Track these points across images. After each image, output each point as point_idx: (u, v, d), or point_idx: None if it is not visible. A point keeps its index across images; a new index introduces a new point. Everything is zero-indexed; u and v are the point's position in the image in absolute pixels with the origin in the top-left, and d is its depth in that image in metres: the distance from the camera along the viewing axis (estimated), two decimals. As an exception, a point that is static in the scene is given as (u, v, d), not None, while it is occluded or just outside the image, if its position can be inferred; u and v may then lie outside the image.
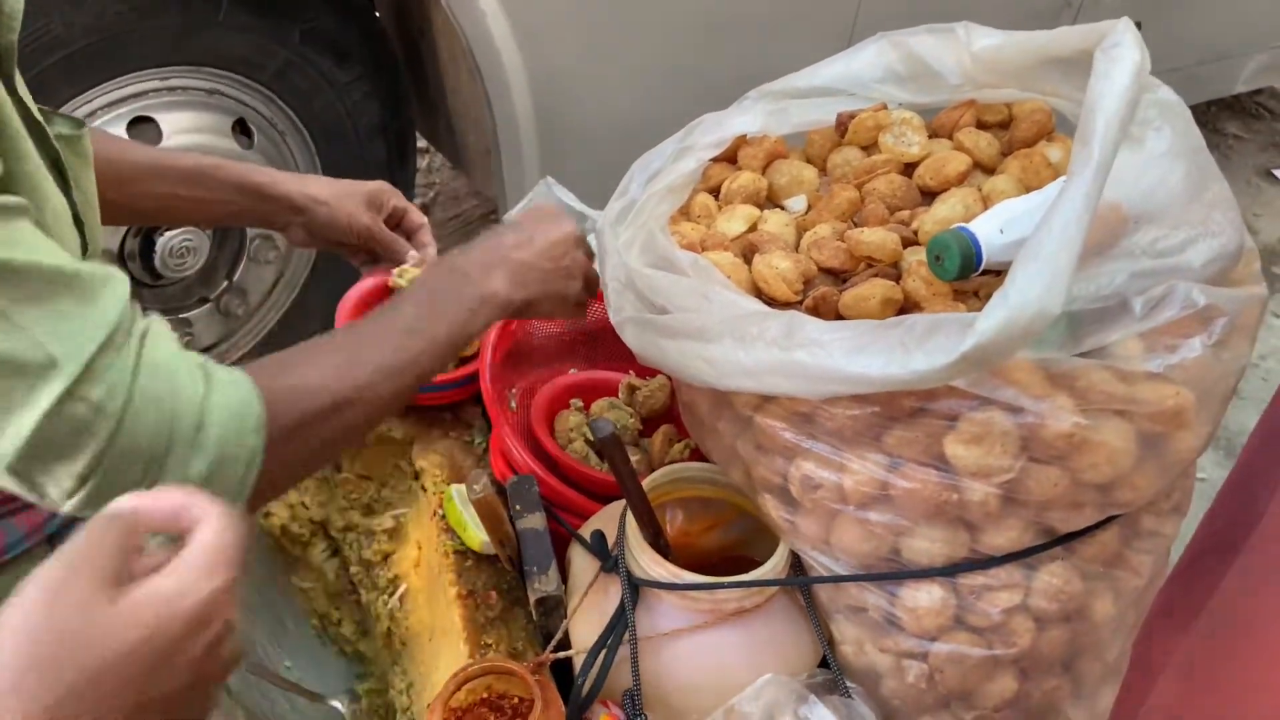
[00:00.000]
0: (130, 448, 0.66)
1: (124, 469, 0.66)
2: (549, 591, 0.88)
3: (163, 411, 0.67)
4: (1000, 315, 0.64)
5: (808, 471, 0.80)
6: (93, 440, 0.65)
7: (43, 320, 0.63)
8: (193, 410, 0.68)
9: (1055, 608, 0.79)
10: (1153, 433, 0.74)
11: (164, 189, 1.07)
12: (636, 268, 0.88)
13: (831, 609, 0.85)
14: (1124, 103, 0.71)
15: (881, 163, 0.96)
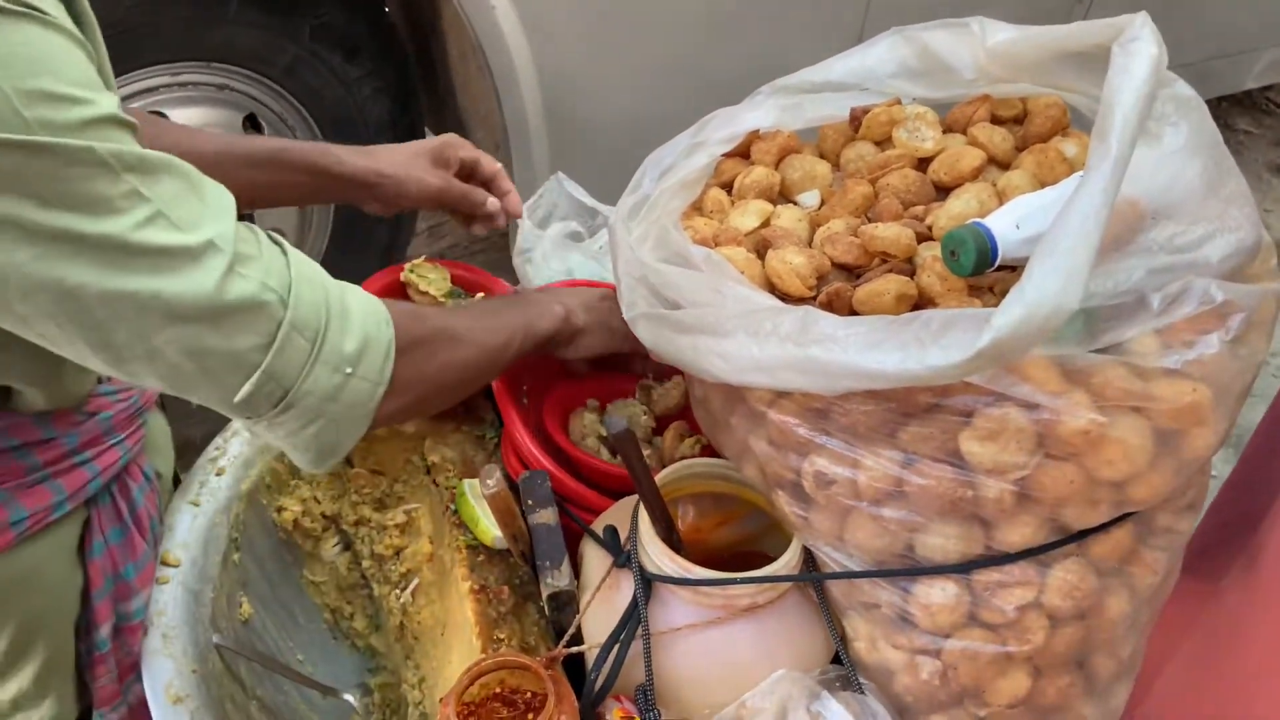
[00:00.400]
0: (298, 321, 0.74)
1: (295, 343, 0.75)
2: (561, 586, 0.88)
3: (316, 290, 0.77)
4: (1017, 311, 0.63)
5: (821, 468, 0.79)
6: (264, 312, 0.73)
7: (186, 214, 0.70)
8: (337, 294, 0.79)
9: (1069, 605, 0.79)
10: (1169, 430, 0.74)
11: (240, 175, 1.07)
12: (650, 263, 0.88)
13: (844, 605, 0.85)
14: (1142, 97, 0.71)
15: (895, 158, 0.96)
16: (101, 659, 0.94)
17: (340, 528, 1.13)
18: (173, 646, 0.91)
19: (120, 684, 0.95)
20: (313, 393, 0.76)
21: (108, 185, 0.66)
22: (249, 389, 0.74)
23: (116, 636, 0.94)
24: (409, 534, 1.08)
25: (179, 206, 0.70)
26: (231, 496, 1.06)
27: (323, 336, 0.76)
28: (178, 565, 0.97)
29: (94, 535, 0.93)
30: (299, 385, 0.76)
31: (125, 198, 0.67)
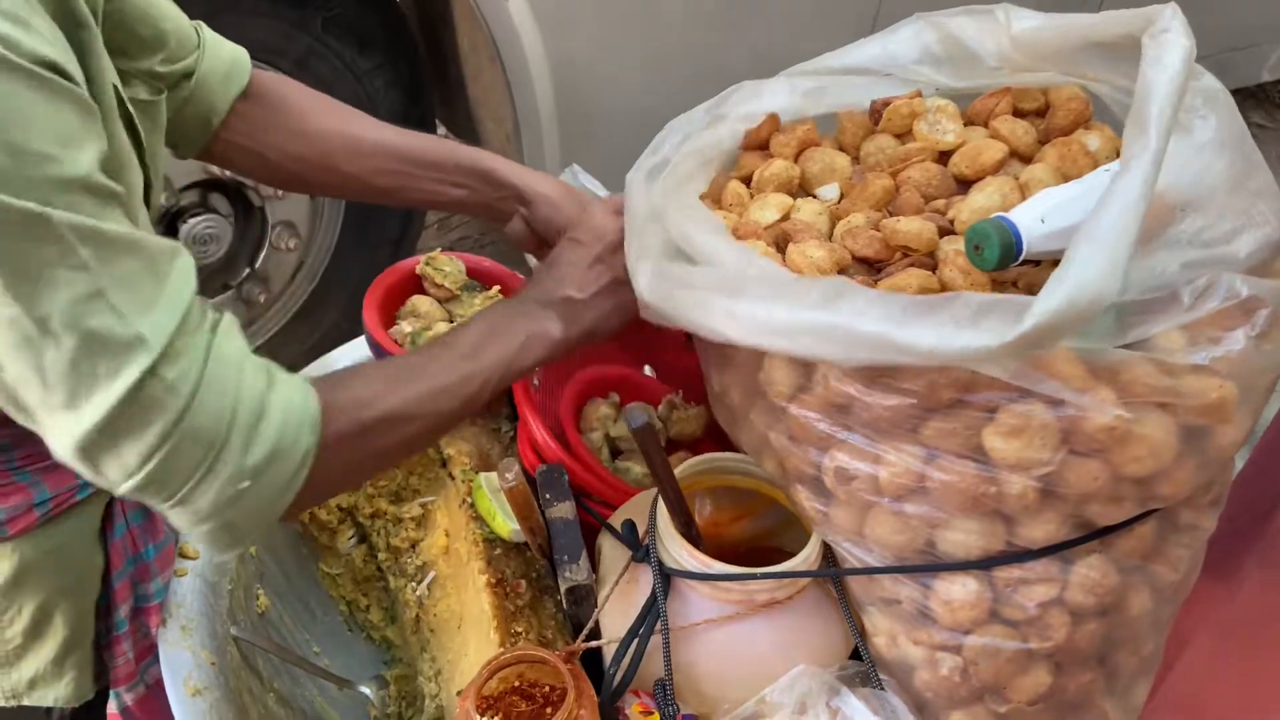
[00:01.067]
0: (194, 430, 0.68)
1: (186, 450, 0.69)
2: (580, 581, 0.88)
3: (226, 399, 0.70)
4: (1061, 295, 0.62)
5: (842, 463, 0.79)
6: (161, 418, 0.67)
7: (130, 300, 0.65)
8: (254, 402, 0.71)
9: (1092, 601, 0.78)
10: (1195, 426, 0.73)
11: (399, 166, 1.08)
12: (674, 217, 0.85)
13: (864, 601, 0.85)
14: (1176, 87, 0.70)
15: (916, 151, 0.95)
16: (120, 639, 0.94)
17: (356, 520, 1.13)
18: (191, 639, 0.91)
19: (138, 665, 0.96)
20: (203, 500, 0.71)
21: (55, 254, 0.63)
22: (131, 486, 0.69)
23: (135, 618, 0.95)
24: (425, 527, 1.08)
25: (127, 289, 0.65)
26: (248, 489, 1.06)
27: (220, 448, 0.70)
28: (196, 557, 0.97)
29: (116, 517, 0.93)
30: (188, 493, 0.70)
31: (71, 269, 0.63)
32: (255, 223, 2.20)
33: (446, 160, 1.09)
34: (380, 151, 1.08)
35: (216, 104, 1.02)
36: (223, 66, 1.02)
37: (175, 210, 2.05)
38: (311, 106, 1.08)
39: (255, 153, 1.07)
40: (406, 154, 1.09)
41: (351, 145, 1.07)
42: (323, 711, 1.04)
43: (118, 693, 0.97)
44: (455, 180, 1.10)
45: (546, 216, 1.10)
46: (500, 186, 1.10)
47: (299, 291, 2.34)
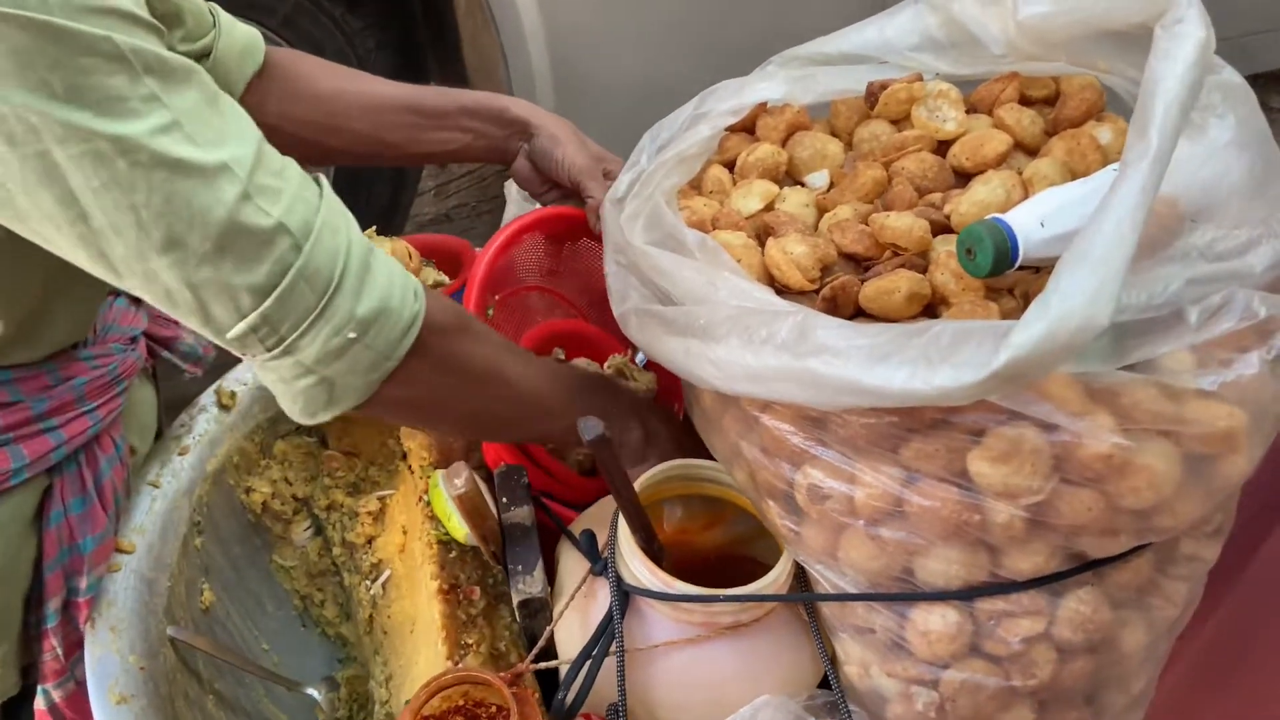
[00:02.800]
0: (311, 268, 0.68)
1: (301, 291, 0.68)
2: (533, 594, 0.83)
3: (338, 242, 0.70)
4: (1039, 327, 0.56)
5: (816, 480, 0.73)
6: (274, 253, 0.67)
7: (202, 131, 0.65)
8: (362, 252, 0.72)
9: (1081, 638, 0.72)
10: (1200, 455, 0.67)
11: (407, 118, 1.06)
12: (639, 246, 0.81)
13: (836, 626, 0.79)
14: (1186, 86, 0.63)
15: (913, 139, 0.88)
16: (48, 633, 0.89)
17: (312, 512, 1.08)
18: (120, 641, 0.86)
19: (66, 660, 0.91)
20: (311, 348, 0.70)
21: (125, 83, 0.62)
22: (242, 328, 0.69)
23: (65, 611, 0.90)
24: (381, 523, 1.02)
25: (197, 120, 0.65)
26: (195, 477, 1.00)
27: (333, 291, 0.70)
28: (132, 551, 0.92)
29: (54, 504, 0.89)
30: (297, 338, 0.70)
31: (144, 100, 0.63)
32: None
33: (453, 106, 1.07)
34: (388, 105, 1.06)
35: (233, 83, 1.00)
36: (238, 46, 0.99)
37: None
38: (319, 71, 1.06)
39: (268, 126, 1.02)
40: (414, 105, 1.06)
41: (359, 102, 1.05)
42: (269, 713, 0.99)
43: (45, 690, 0.92)
44: (463, 125, 1.07)
45: (544, 149, 1.08)
46: (508, 124, 1.08)
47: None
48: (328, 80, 1.06)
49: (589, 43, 2.07)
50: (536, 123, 1.08)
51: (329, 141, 1.06)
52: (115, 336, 0.95)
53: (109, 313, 0.96)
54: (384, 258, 0.74)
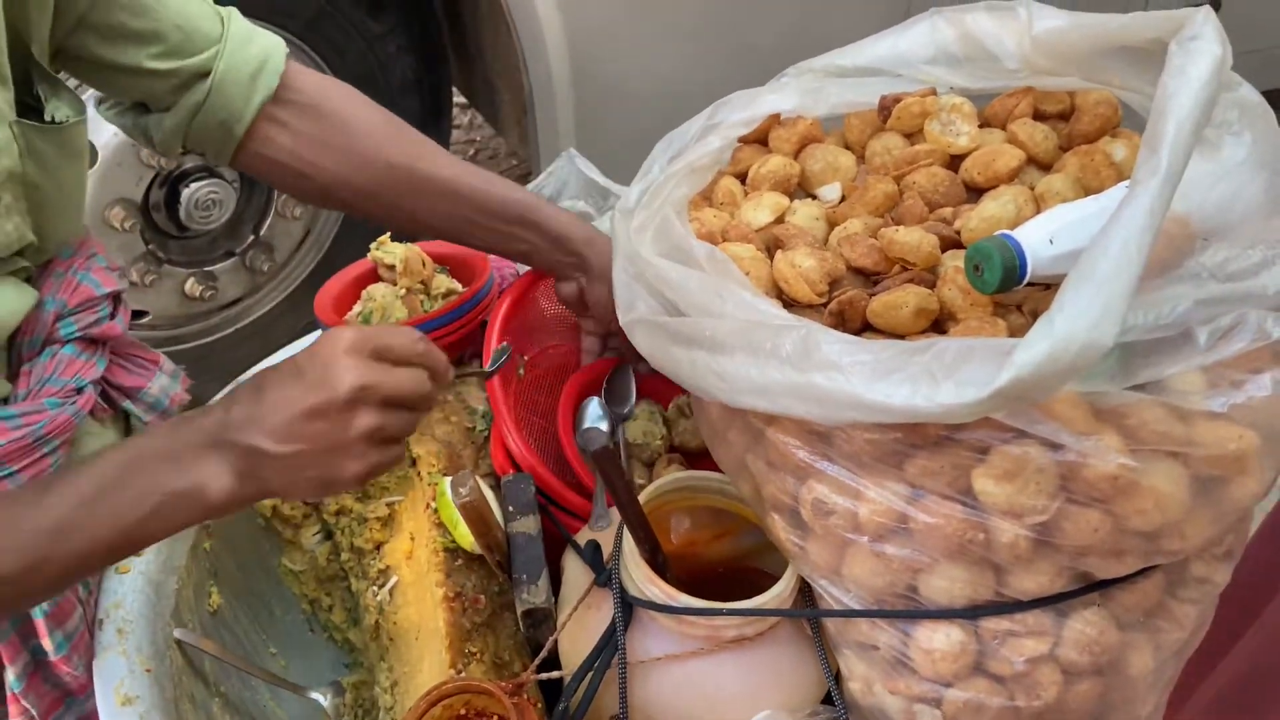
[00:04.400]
0: None
1: None
2: (537, 604, 0.83)
3: None
4: (1043, 347, 0.56)
5: (820, 495, 0.73)
6: None
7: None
8: None
9: (1087, 659, 0.72)
10: (1209, 477, 0.66)
11: (462, 212, 1.01)
12: (648, 258, 0.81)
13: (840, 642, 0.78)
14: (1199, 104, 0.63)
15: (925, 153, 0.88)
16: (15, 698, 0.87)
17: (322, 516, 1.08)
18: (127, 642, 0.86)
19: (45, 718, 0.89)
20: None
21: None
22: None
23: (35, 673, 0.87)
24: (390, 528, 1.03)
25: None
26: (206, 480, 1.01)
27: None
28: (140, 554, 0.93)
29: None
30: None
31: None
32: (261, 189, 2.16)
33: (516, 213, 1.02)
34: (446, 194, 1.00)
35: (238, 109, 0.92)
36: (248, 67, 0.91)
37: (177, 173, 2.00)
38: (369, 128, 0.98)
39: (298, 172, 0.96)
40: (470, 199, 1.00)
41: (416, 185, 0.99)
42: (275, 717, 0.99)
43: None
44: (518, 235, 1.03)
45: (601, 299, 1.02)
46: (568, 252, 1.04)
47: (305, 261, 2.29)
48: (380, 147, 0.97)
49: (608, 48, 2.07)
50: (596, 264, 1.03)
51: (367, 208, 1.00)
52: (54, 389, 0.87)
53: (50, 363, 0.88)
54: None
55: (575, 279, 1.06)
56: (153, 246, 2.05)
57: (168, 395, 0.99)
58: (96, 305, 0.91)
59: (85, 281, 0.90)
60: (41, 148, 0.80)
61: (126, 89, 0.92)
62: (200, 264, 2.14)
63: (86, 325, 0.90)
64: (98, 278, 0.91)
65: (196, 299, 2.14)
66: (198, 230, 2.07)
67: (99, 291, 0.91)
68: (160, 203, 2.02)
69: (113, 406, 0.96)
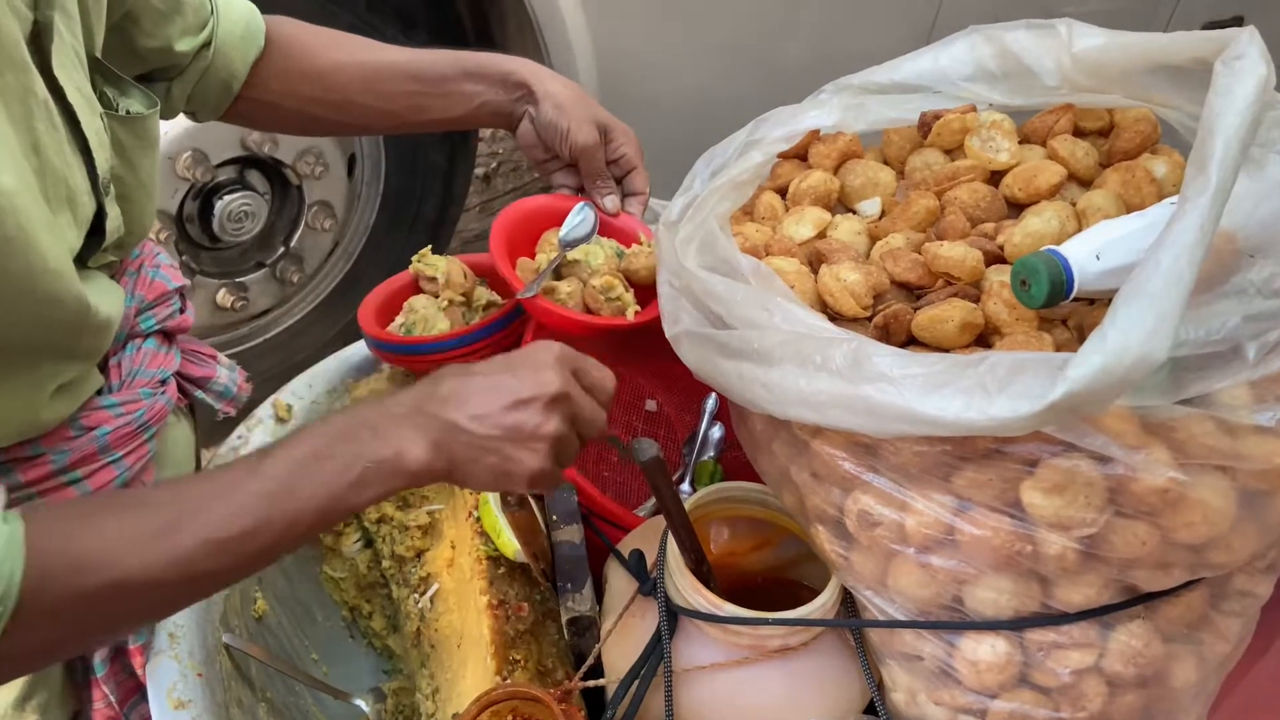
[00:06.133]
0: None
1: None
2: (582, 612, 0.84)
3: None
4: (1096, 361, 0.57)
5: (866, 506, 0.73)
6: None
7: None
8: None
9: (1132, 671, 0.72)
10: (1255, 491, 0.67)
11: (411, 86, 1.04)
12: (693, 270, 0.82)
13: (884, 653, 0.79)
14: (1245, 122, 0.63)
15: (965, 169, 0.89)
16: (97, 683, 0.89)
17: (363, 524, 1.09)
18: (179, 647, 0.87)
19: (121, 708, 0.90)
20: None
21: None
22: None
23: (115, 660, 0.89)
24: (431, 537, 1.04)
25: None
26: (252, 489, 1.02)
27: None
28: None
29: None
30: None
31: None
32: (292, 201, 2.18)
33: (456, 70, 1.05)
34: (388, 74, 1.04)
35: (236, 68, 1.00)
36: (238, 30, 0.99)
37: (211, 186, 2.03)
38: (318, 43, 1.05)
39: (270, 104, 1.04)
40: (416, 72, 1.05)
41: (360, 74, 1.04)
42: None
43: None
44: (466, 89, 1.05)
45: (550, 119, 1.05)
46: (514, 88, 1.06)
47: (334, 272, 2.31)
48: (326, 54, 1.04)
49: (638, 65, 2.09)
50: (541, 89, 1.06)
51: (333, 116, 1.05)
52: (143, 381, 0.91)
53: (136, 356, 0.92)
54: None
55: (526, 113, 1.07)
56: (186, 258, 2.07)
57: (234, 384, 1.04)
58: (169, 299, 0.96)
59: (157, 277, 0.95)
60: (124, 139, 0.84)
61: (150, 69, 0.97)
62: (232, 275, 2.17)
63: (163, 319, 0.95)
64: (167, 274, 0.97)
65: (228, 309, 2.16)
66: (230, 241, 2.09)
67: (170, 286, 0.96)
68: (194, 214, 2.04)
69: (185, 397, 1.01)
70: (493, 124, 1.10)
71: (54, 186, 0.72)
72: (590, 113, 1.08)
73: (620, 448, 0.79)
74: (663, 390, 1.21)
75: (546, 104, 1.06)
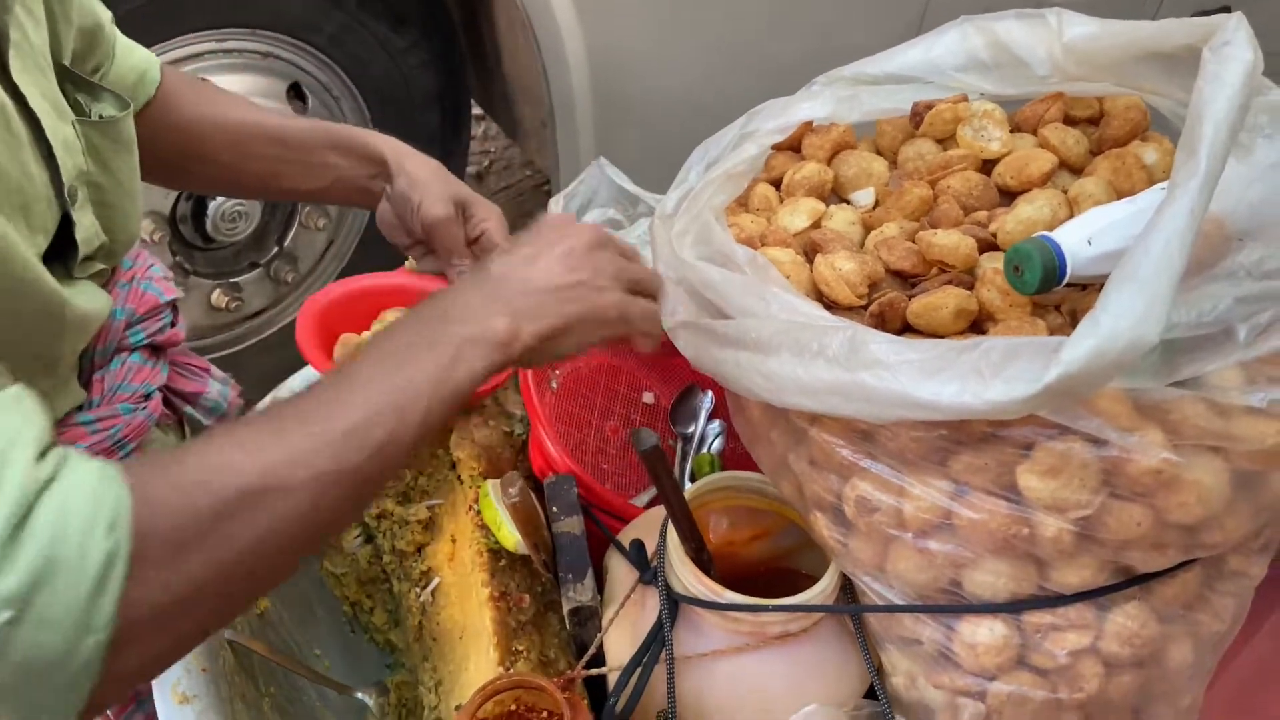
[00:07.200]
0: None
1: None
2: (584, 602, 0.84)
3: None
4: (1090, 343, 0.58)
5: (864, 493, 0.74)
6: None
7: None
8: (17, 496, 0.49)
9: (1128, 652, 0.73)
10: (1248, 472, 0.68)
11: (269, 150, 1.00)
12: (689, 261, 0.83)
13: (883, 638, 0.80)
14: (1234, 107, 0.64)
15: (958, 158, 0.89)
16: None
17: (363, 520, 1.10)
18: (182, 643, 0.88)
19: (117, 716, 0.91)
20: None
21: None
22: None
23: None
24: (431, 531, 1.04)
25: None
26: (252, 485, 1.03)
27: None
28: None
29: None
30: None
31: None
32: (285, 201, 2.18)
33: (320, 140, 1.01)
34: (254, 136, 1.00)
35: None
36: (129, 79, 0.94)
37: (204, 187, 2.03)
38: (190, 97, 1.00)
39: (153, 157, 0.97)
40: (278, 136, 1.00)
41: (225, 131, 0.99)
42: (321, 717, 1.01)
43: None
44: (328, 161, 1.01)
45: (402, 193, 0.99)
46: (372, 163, 1.01)
47: (328, 271, 2.31)
48: (195, 108, 0.99)
49: (631, 61, 2.09)
50: (395, 163, 1.00)
51: (193, 169, 1.00)
52: (125, 395, 0.89)
53: (120, 370, 0.90)
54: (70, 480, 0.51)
55: (384, 190, 1.03)
56: (180, 258, 2.08)
57: (225, 399, 1.02)
58: (160, 313, 0.94)
59: (149, 290, 0.93)
60: (98, 144, 0.82)
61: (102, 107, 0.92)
62: (226, 275, 2.17)
63: (152, 333, 0.93)
64: (159, 286, 0.95)
65: (222, 310, 2.16)
66: (224, 242, 2.10)
67: (162, 299, 0.94)
68: (187, 215, 2.05)
69: (174, 412, 0.98)
70: (350, 201, 1.06)
71: (4, 194, 0.68)
72: (447, 189, 1.01)
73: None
74: (659, 383, 1.22)
75: (400, 179, 1.00)
